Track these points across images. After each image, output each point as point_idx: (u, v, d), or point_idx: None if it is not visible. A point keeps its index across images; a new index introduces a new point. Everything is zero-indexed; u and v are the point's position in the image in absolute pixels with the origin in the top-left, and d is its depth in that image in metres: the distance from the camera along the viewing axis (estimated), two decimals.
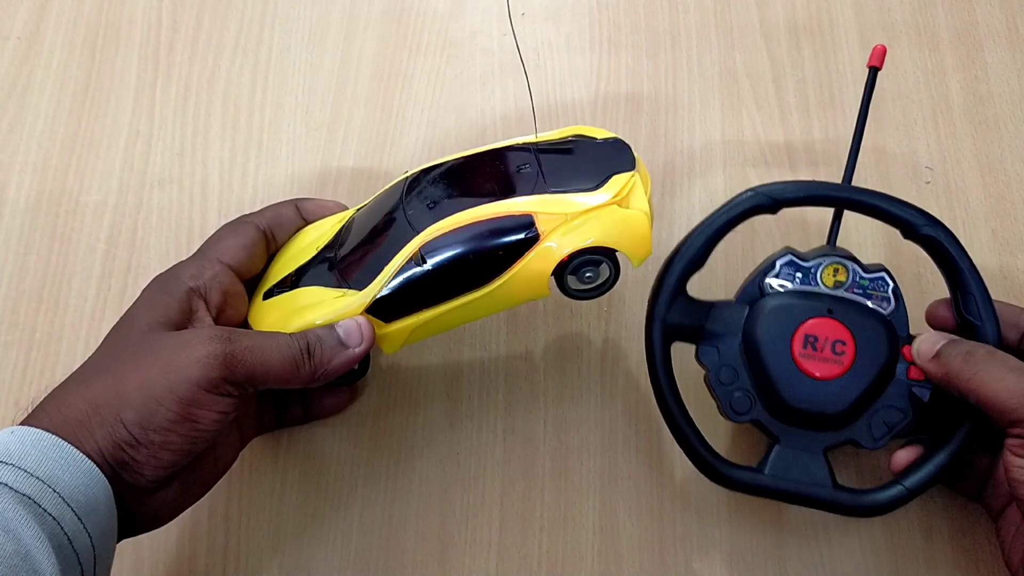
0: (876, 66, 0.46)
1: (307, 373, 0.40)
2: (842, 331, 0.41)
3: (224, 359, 0.37)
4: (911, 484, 0.40)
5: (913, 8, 0.57)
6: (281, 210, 0.46)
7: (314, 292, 0.42)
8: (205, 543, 0.47)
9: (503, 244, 0.40)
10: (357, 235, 0.43)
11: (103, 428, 0.35)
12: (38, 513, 0.32)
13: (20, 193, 0.55)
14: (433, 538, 0.46)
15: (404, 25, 0.58)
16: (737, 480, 0.41)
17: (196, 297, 0.41)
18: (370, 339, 0.41)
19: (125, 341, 0.39)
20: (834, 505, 0.41)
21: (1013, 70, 0.55)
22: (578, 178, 0.41)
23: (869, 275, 0.43)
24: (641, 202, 0.41)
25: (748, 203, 0.42)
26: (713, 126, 0.55)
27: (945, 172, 0.53)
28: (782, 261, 0.43)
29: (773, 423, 0.42)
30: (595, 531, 0.46)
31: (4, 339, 0.51)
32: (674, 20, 0.58)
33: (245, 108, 0.57)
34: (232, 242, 0.43)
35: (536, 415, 0.49)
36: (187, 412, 0.36)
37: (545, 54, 0.57)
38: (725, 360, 0.42)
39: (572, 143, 0.44)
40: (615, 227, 0.40)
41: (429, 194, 0.42)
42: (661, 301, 0.42)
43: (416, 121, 0.56)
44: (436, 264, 0.40)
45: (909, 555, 0.45)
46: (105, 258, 0.53)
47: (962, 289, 0.41)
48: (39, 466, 0.33)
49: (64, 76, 0.58)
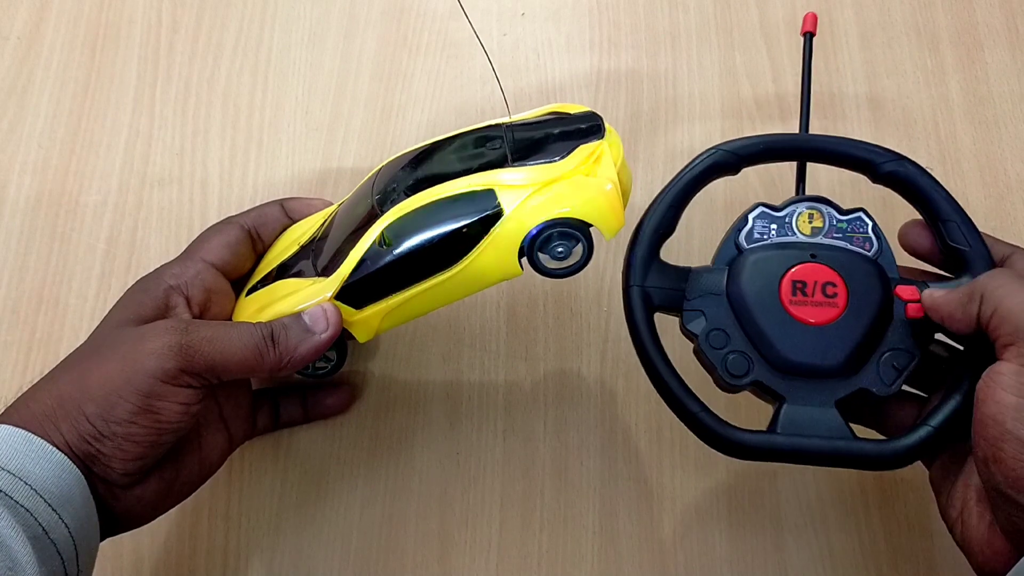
0: (811, 32, 0.46)
1: (272, 361, 0.39)
2: (830, 273, 0.39)
3: (180, 349, 0.37)
4: (936, 422, 0.37)
5: (913, 8, 0.57)
6: (266, 210, 0.47)
7: (290, 284, 0.42)
8: (205, 543, 0.47)
9: (465, 221, 0.39)
10: (332, 228, 0.43)
11: (67, 421, 0.36)
12: (10, 505, 0.33)
13: (20, 193, 0.55)
14: (433, 538, 0.46)
15: (404, 25, 0.58)
16: (747, 444, 0.37)
17: (176, 294, 0.41)
18: (336, 324, 0.40)
19: (94, 338, 0.40)
20: (857, 458, 0.37)
21: (1013, 70, 0.55)
22: (545, 152, 0.40)
23: (846, 217, 0.41)
24: (609, 171, 0.39)
25: (708, 160, 0.41)
26: (713, 126, 0.55)
27: (945, 172, 0.53)
28: (754, 215, 0.42)
29: (776, 381, 0.39)
30: (595, 531, 0.46)
31: (4, 339, 0.51)
32: (674, 20, 0.58)
33: (245, 108, 0.57)
34: (215, 241, 0.44)
35: (536, 415, 0.49)
36: (146, 404, 0.36)
37: (545, 54, 0.57)
38: (713, 324, 0.39)
39: (545, 120, 0.43)
40: (580, 197, 0.38)
41: (399, 179, 0.42)
42: (635, 267, 0.40)
43: (416, 121, 0.56)
44: (400, 246, 0.39)
45: (909, 555, 0.45)
46: (105, 258, 0.53)
47: (941, 218, 0.40)
48: (9, 460, 0.34)
49: (64, 76, 0.58)
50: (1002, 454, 0.33)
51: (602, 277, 0.51)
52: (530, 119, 0.44)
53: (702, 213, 0.52)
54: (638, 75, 0.56)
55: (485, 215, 0.39)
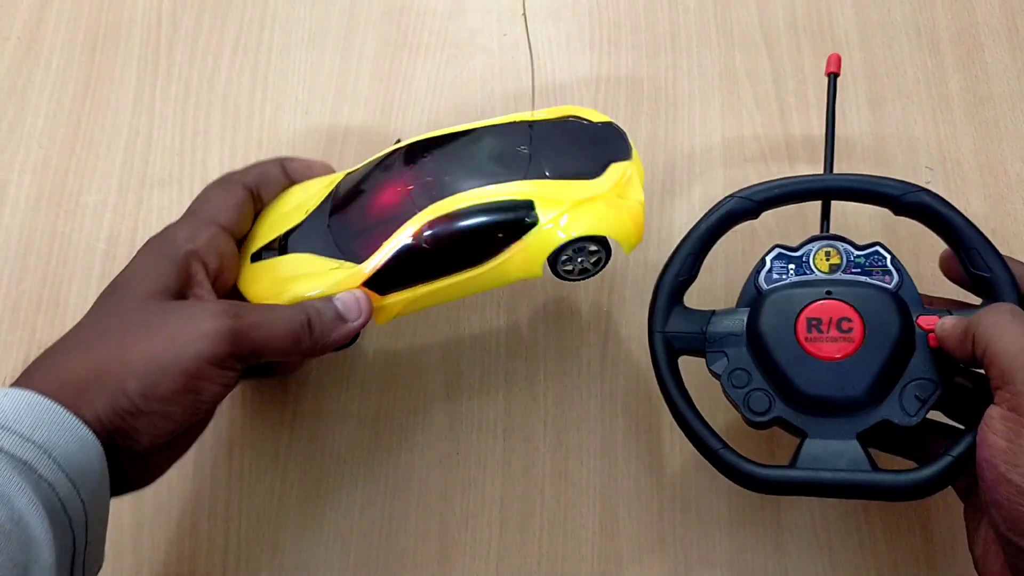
0: (835, 72, 0.47)
1: (307, 347, 0.40)
2: (845, 309, 0.40)
3: (231, 334, 0.37)
4: (957, 452, 0.36)
5: (913, 8, 0.57)
6: (268, 168, 0.46)
7: (306, 260, 0.42)
8: (205, 543, 0.47)
9: (503, 227, 0.40)
10: (352, 204, 0.43)
11: (103, 396, 0.35)
12: (34, 479, 0.32)
13: (20, 193, 0.55)
14: (433, 538, 0.47)
15: (404, 25, 0.58)
16: (765, 479, 0.39)
17: (195, 262, 0.40)
18: (368, 313, 0.41)
19: (124, 308, 0.38)
20: (875, 489, 0.38)
21: (1013, 70, 0.55)
22: (577, 163, 0.42)
23: (863, 251, 0.42)
24: (637, 192, 0.42)
25: (727, 208, 0.42)
26: (713, 126, 0.55)
27: (945, 172, 0.53)
28: (771, 256, 0.43)
29: (796, 417, 0.40)
30: (595, 531, 0.46)
31: (4, 339, 0.51)
32: (674, 20, 0.58)
33: (245, 108, 0.57)
34: (224, 202, 0.43)
35: (536, 415, 0.49)
36: (191, 384, 0.36)
37: (545, 54, 0.57)
38: (735, 364, 0.41)
39: (567, 124, 0.44)
40: (614, 216, 0.41)
41: (429, 170, 0.42)
42: (657, 314, 0.42)
43: (416, 121, 0.56)
44: (436, 242, 0.40)
45: (909, 555, 0.45)
46: (105, 258, 0.53)
47: (963, 245, 0.40)
48: (34, 431, 0.33)
49: (64, 76, 0.58)
50: (998, 497, 0.32)
51: (602, 277, 0.51)
52: (551, 118, 0.45)
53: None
54: (638, 75, 0.56)
55: (522, 223, 0.41)
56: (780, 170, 0.53)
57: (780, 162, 0.54)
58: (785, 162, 0.53)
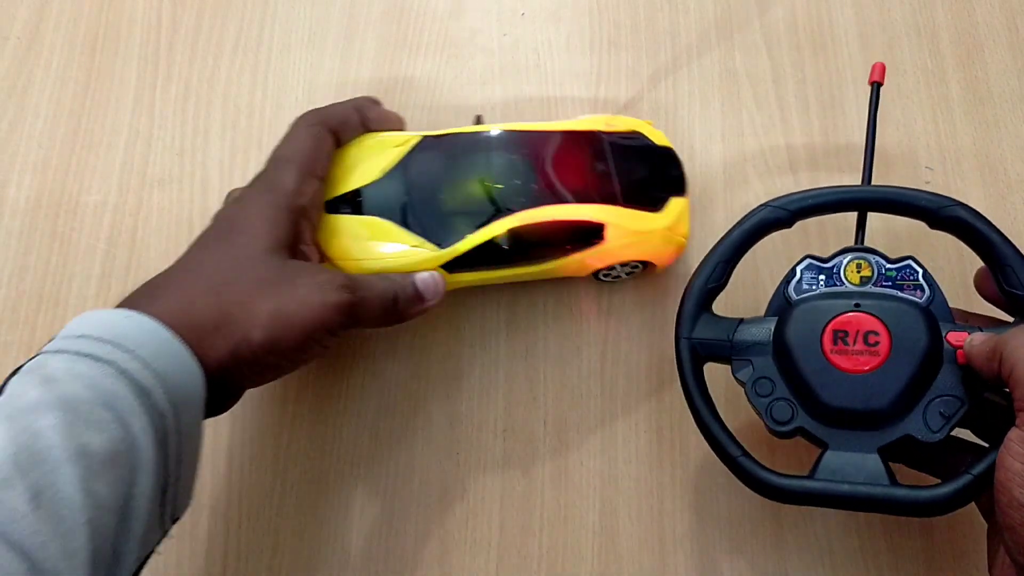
0: (879, 81, 0.46)
1: (391, 320, 0.43)
2: (873, 322, 0.39)
3: (349, 308, 0.39)
4: (978, 470, 0.36)
5: (913, 8, 0.57)
6: (349, 116, 0.46)
7: (386, 228, 0.45)
8: (205, 543, 0.47)
9: (574, 240, 0.46)
10: (435, 183, 0.46)
11: (228, 341, 0.36)
12: (149, 407, 0.33)
13: (20, 193, 0.55)
14: (433, 538, 0.47)
15: (404, 25, 0.58)
16: (783, 488, 0.39)
17: (303, 219, 0.42)
18: (441, 295, 0.44)
19: (247, 259, 0.39)
20: (892, 504, 0.37)
21: (1013, 70, 0.55)
22: (643, 192, 0.47)
23: (895, 265, 0.42)
24: (685, 227, 0.47)
25: (759, 217, 0.42)
26: (713, 126, 0.55)
27: (945, 172, 0.53)
28: (802, 267, 0.43)
29: (818, 428, 0.40)
30: (595, 531, 0.46)
31: (4, 339, 0.51)
32: (674, 20, 0.58)
33: (245, 108, 0.57)
34: (319, 151, 0.44)
35: (536, 415, 0.49)
36: (306, 344, 0.38)
37: (545, 54, 0.57)
38: (759, 372, 0.41)
39: (636, 145, 0.48)
40: (663, 249, 0.47)
41: (518, 173, 0.46)
42: (684, 320, 0.42)
43: (416, 121, 0.56)
44: (514, 243, 0.45)
45: (909, 555, 0.45)
46: (105, 258, 0.53)
47: (998, 263, 0.39)
48: (155, 359, 0.34)
49: (64, 76, 0.58)
50: (1012, 521, 0.32)
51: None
52: (622, 131, 0.49)
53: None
54: (638, 75, 0.56)
55: (590, 240, 0.46)
56: (780, 170, 0.53)
57: (780, 162, 0.54)
58: (785, 162, 0.53)
